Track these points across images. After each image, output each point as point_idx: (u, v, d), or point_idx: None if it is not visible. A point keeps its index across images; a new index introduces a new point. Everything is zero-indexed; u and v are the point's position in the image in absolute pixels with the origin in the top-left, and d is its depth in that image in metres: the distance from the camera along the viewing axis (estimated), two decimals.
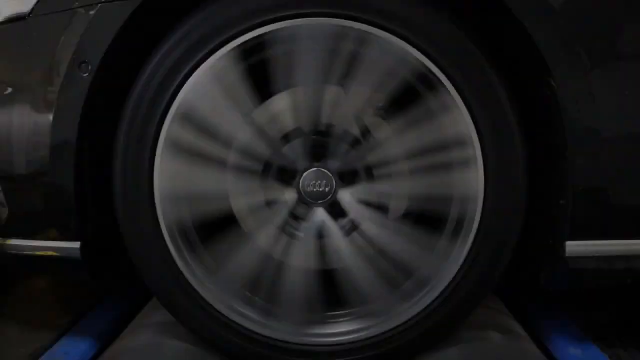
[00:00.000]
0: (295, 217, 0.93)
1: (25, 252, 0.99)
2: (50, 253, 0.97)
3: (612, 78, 0.85)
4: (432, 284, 0.92)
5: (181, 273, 0.91)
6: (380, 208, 0.93)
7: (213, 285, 0.92)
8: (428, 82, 0.86)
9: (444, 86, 0.85)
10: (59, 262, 0.96)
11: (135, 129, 0.87)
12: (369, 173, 0.92)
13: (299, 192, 0.92)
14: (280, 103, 0.92)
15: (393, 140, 0.91)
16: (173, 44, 0.86)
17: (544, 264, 0.99)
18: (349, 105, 0.89)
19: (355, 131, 0.91)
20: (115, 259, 1.02)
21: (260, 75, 0.89)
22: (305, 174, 0.91)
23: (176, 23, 0.87)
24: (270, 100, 0.92)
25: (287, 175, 0.92)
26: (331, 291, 0.94)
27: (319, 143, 0.91)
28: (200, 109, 0.88)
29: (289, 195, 0.92)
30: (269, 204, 0.93)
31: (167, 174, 0.89)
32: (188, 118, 0.88)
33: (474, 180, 0.87)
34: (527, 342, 1.05)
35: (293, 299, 0.92)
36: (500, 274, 0.93)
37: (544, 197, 0.94)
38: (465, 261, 0.90)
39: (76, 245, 0.94)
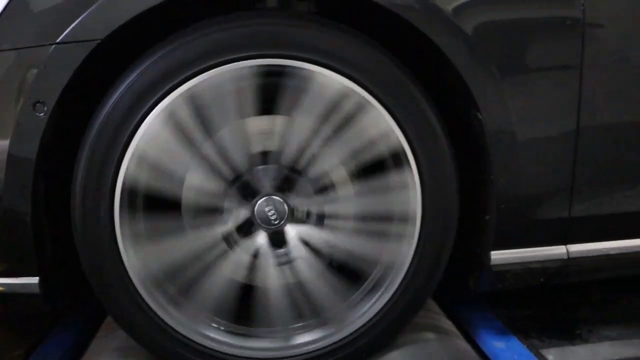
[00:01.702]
0: (240, 231, 0.99)
1: None
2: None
3: (530, 110, 0.99)
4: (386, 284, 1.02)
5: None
6: (317, 252, 1.01)
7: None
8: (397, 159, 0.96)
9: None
10: (17, 295, 0.97)
11: (91, 175, 0.90)
12: (320, 219, 1.00)
13: (252, 212, 0.98)
14: (226, 138, 0.96)
15: (351, 200, 1.00)
16: (120, 94, 0.89)
17: (471, 270, 1.13)
18: (294, 135, 0.96)
19: (324, 181, 0.98)
20: (75, 285, 1.04)
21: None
22: (264, 198, 0.98)
23: (123, 71, 0.90)
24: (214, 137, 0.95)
25: (249, 192, 0.98)
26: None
27: (291, 177, 0.98)
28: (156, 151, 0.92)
29: (243, 211, 0.98)
30: (221, 210, 0.98)
31: (127, 217, 0.92)
32: (144, 160, 0.91)
33: (413, 204, 0.98)
34: (459, 339, 1.19)
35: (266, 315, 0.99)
36: (438, 280, 1.06)
37: (471, 214, 1.07)
38: (410, 264, 1.00)
39: (34, 280, 0.94)
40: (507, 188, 1.01)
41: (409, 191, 0.97)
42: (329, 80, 0.92)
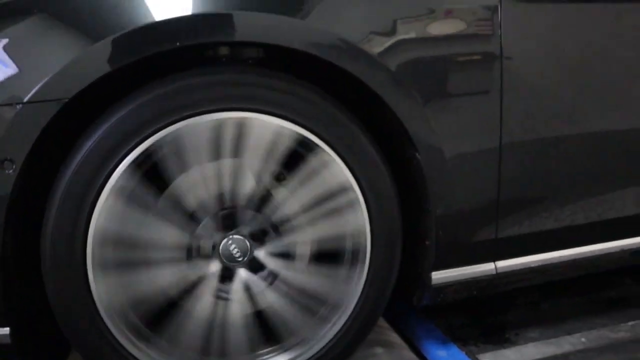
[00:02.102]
0: (222, 280, 1.07)
1: None
2: None
3: (460, 148, 1.13)
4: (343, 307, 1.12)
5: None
6: (290, 256, 1.10)
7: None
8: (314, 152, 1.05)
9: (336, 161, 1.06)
10: None
11: (63, 225, 0.94)
12: (276, 230, 1.09)
13: (221, 261, 1.05)
14: (184, 187, 1.03)
15: (290, 200, 1.09)
16: (80, 162, 0.94)
17: (415, 288, 1.26)
18: (247, 178, 1.05)
19: (257, 198, 1.06)
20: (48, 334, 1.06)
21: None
22: (222, 244, 1.05)
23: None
24: (174, 187, 1.02)
25: (206, 250, 1.05)
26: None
27: (228, 215, 1.05)
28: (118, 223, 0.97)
29: (214, 267, 1.06)
30: (200, 279, 1.05)
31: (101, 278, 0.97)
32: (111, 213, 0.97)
33: (363, 236, 1.09)
34: (406, 350, 1.31)
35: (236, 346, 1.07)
36: (388, 299, 1.18)
37: (413, 241, 1.19)
38: (364, 287, 1.12)
39: (5, 331, 0.97)
40: (443, 217, 1.14)
41: (360, 228, 1.09)
42: (283, 129, 1.01)
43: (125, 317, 1.00)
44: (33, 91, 0.90)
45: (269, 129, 1.01)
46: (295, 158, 1.06)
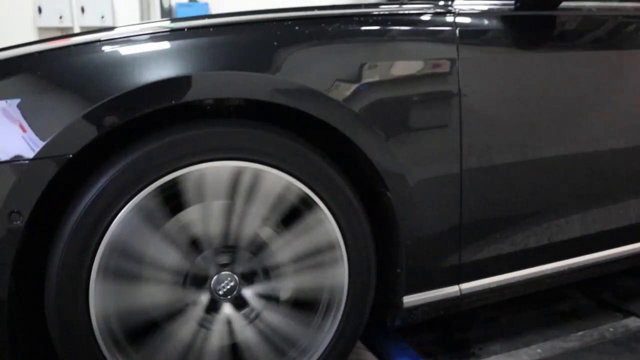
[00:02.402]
0: (207, 310, 1.16)
1: None
2: None
3: (426, 185, 1.26)
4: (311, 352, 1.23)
5: None
6: (273, 298, 1.21)
7: None
8: (307, 203, 1.17)
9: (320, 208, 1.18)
10: None
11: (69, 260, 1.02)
12: (266, 273, 1.19)
13: (211, 292, 1.15)
14: (195, 219, 1.13)
15: (283, 249, 1.19)
16: (95, 196, 1.03)
17: (388, 311, 1.38)
18: (249, 223, 1.15)
19: (256, 243, 1.17)
20: None
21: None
22: (214, 277, 1.15)
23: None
24: (182, 217, 1.12)
25: (200, 280, 1.15)
26: None
27: (226, 252, 1.15)
28: (129, 243, 1.06)
29: (204, 297, 1.15)
30: (188, 306, 1.14)
31: (100, 300, 1.05)
32: (118, 251, 1.05)
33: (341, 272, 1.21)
34: None
35: None
36: (365, 322, 1.29)
37: (386, 269, 1.32)
38: (334, 336, 1.24)
39: None
40: (412, 247, 1.27)
41: (339, 283, 1.22)
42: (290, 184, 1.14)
43: (111, 329, 1.08)
44: (39, 149, 0.98)
45: (277, 182, 1.13)
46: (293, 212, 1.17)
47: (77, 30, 4.85)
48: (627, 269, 1.78)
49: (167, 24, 1.28)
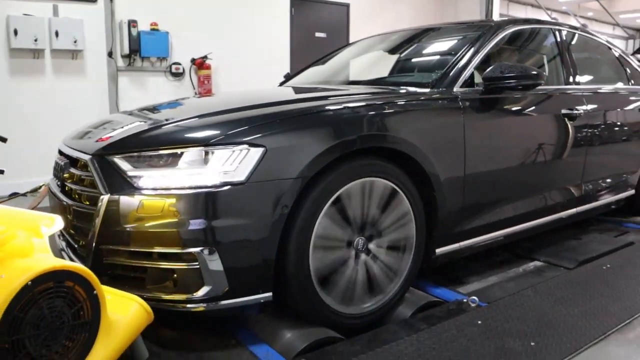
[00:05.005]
0: (355, 258, 2.20)
1: None
2: None
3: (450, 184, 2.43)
4: (400, 273, 2.33)
5: None
6: (382, 246, 2.27)
7: None
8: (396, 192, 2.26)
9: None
10: None
11: (303, 230, 2.01)
12: (379, 234, 2.25)
13: (355, 249, 2.18)
14: (351, 214, 2.16)
15: (385, 220, 2.27)
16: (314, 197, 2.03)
17: (428, 257, 2.51)
18: (371, 209, 2.23)
19: (373, 219, 2.24)
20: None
21: None
22: (355, 241, 2.19)
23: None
24: (348, 211, 2.15)
25: (352, 243, 2.18)
26: None
27: (362, 227, 2.21)
28: (325, 229, 2.07)
29: (352, 252, 2.19)
30: (350, 256, 2.17)
31: (314, 260, 2.06)
32: (319, 235, 2.06)
33: (411, 228, 2.33)
34: (416, 290, 2.55)
35: None
36: (421, 260, 2.41)
37: (429, 232, 2.46)
38: (410, 263, 2.36)
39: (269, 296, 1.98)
40: (442, 220, 2.43)
41: (411, 233, 2.34)
42: (386, 184, 2.21)
43: (318, 275, 2.06)
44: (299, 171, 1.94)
45: (382, 184, 2.19)
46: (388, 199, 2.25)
47: (48, 52, 5.33)
48: (531, 235, 3.11)
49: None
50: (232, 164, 1.87)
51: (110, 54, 5.61)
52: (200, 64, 6.07)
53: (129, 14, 5.68)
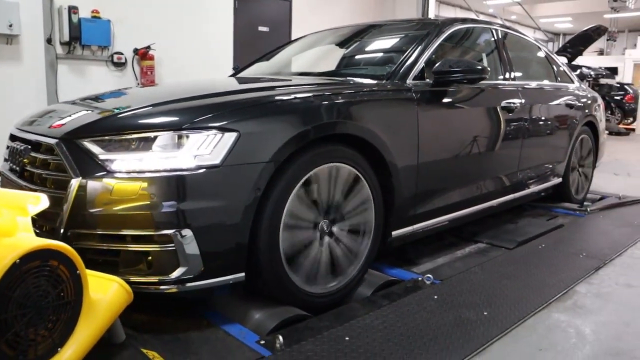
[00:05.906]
0: (320, 239, 2.30)
1: None
2: None
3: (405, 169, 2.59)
4: (360, 256, 2.46)
5: None
6: (343, 230, 2.39)
7: None
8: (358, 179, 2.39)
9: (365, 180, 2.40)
10: None
11: (275, 210, 2.09)
12: (342, 219, 2.37)
13: (320, 230, 2.29)
14: (318, 196, 2.26)
15: (348, 205, 2.38)
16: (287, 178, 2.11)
17: (384, 240, 2.66)
18: (336, 193, 2.34)
19: (337, 203, 2.35)
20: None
21: None
22: (321, 223, 2.30)
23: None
24: (312, 194, 2.25)
25: (317, 225, 2.28)
26: None
27: (327, 210, 2.32)
28: (295, 209, 2.16)
29: (318, 233, 2.29)
30: (315, 238, 2.27)
31: (284, 239, 2.14)
32: (290, 214, 2.14)
33: (371, 213, 2.46)
34: (375, 271, 2.70)
35: None
36: (379, 243, 2.56)
37: (387, 215, 2.61)
38: (369, 246, 2.50)
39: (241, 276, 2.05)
40: (398, 205, 2.58)
41: (370, 218, 2.47)
42: (350, 170, 2.33)
43: (286, 254, 2.15)
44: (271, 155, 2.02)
45: (346, 170, 2.31)
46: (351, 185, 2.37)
47: None
48: (475, 219, 3.34)
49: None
50: (207, 148, 1.92)
51: (49, 41, 5.38)
52: (143, 54, 5.94)
53: (69, 0, 5.46)
